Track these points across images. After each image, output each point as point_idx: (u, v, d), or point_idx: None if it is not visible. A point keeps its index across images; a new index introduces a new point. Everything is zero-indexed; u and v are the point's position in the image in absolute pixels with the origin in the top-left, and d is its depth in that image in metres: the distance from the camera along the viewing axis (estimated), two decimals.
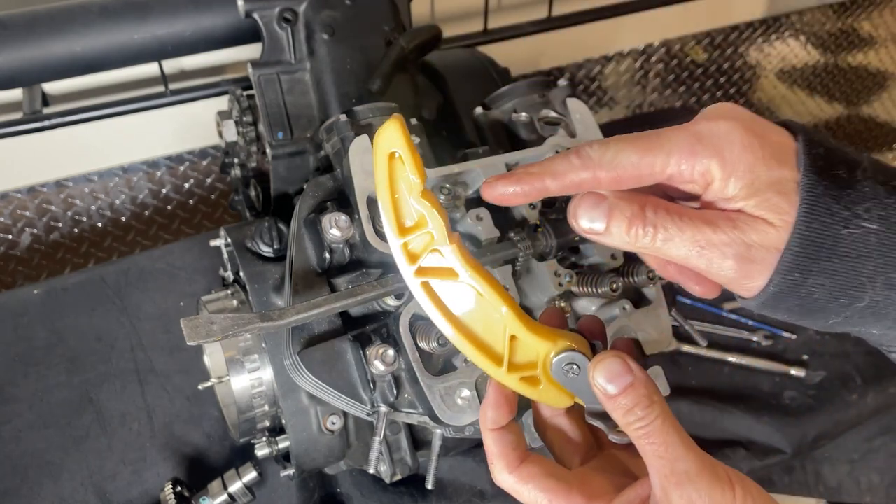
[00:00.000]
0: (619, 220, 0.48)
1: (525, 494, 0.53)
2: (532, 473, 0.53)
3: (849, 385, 1.17)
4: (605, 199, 0.49)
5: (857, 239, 0.45)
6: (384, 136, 0.51)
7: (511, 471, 0.53)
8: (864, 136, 2.42)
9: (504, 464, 0.53)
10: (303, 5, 0.91)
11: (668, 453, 0.47)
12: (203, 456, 1.04)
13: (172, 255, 1.25)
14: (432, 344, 0.70)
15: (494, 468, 0.54)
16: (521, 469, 0.53)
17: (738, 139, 0.47)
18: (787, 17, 2.06)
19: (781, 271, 0.46)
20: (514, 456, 0.54)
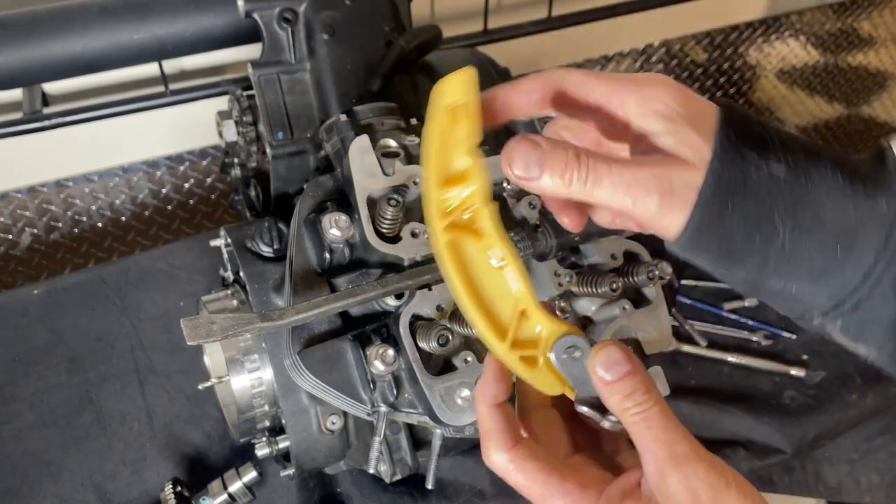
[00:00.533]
0: (554, 165, 0.50)
1: (517, 477, 0.52)
2: (525, 455, 0.52)
3: (849, 385, 1.17)
4: (540, 146, 0.50)
5: (767, 181, 0.49)
6: (454, 85, 0.51)
7: (506, 450, 0.52)
8: (864, 136, 2.42)
9: (500, 442, 0.52)
10: (303, 5, 0.91)
11: (666, 436, 0.48)
12: (203, 456, 1.04)
13: (172, 255, 1.25)
14: (432, 344, 0.70)
15: (489, 446, 0.53)
16: (515, 450, 0.52)
17: (665, 87, 0.53)
18: (787, 17, 2.06)
19: (699, 206, 0.49)
20: (510, 436, 0.53)
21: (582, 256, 0.82)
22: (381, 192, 0.75)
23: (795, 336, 1.24)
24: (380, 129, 0.81)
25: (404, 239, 0.75)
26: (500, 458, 0.52)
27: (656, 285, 0.81)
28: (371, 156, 0.77)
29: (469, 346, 0.75)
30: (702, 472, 0.46)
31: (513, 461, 0.52)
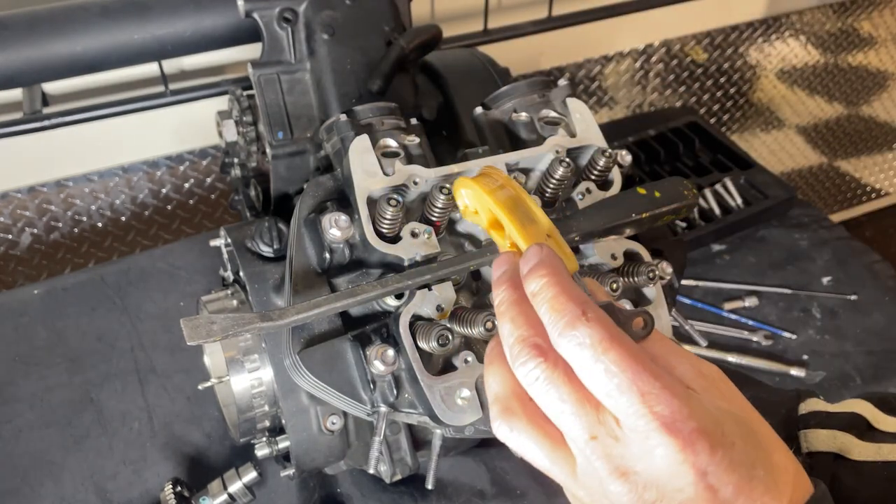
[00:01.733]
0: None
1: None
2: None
3: (848, 385, 1.17)
4: None
5: None
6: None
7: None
8: (863, 135, 2.42)
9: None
10: (303, 5, 0.91)
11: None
12: (203, 456, 1.04)
13: (172, 255, 1.25)
14: (432, 344, 0.70)
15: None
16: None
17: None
18: (787, 17, 2.06)
19: None
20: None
21: (582, 256, 0.82)
22: (381, 192, 0.75)
23: (795, 336, 1.24)
24: (380, 129, 0.81)
25: (404, 239, 0.75)
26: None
27: (656, 285, 0.81)
28: (371, 156, 0.76)
29: (469, 346, 0.75)
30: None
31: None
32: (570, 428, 0.46)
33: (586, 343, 0.45)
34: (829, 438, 0.67)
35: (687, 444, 0.43)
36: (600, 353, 0.44)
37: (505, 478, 1.01)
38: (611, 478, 0.45)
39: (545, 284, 0.48)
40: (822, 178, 2.43)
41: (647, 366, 0.45)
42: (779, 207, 1.43)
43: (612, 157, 0.82)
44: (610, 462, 0.45)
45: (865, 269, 1.35)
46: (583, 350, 0.45)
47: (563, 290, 0.48)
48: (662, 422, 0.43)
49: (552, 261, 0.50)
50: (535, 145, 0.84)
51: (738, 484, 0.43)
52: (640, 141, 1.55)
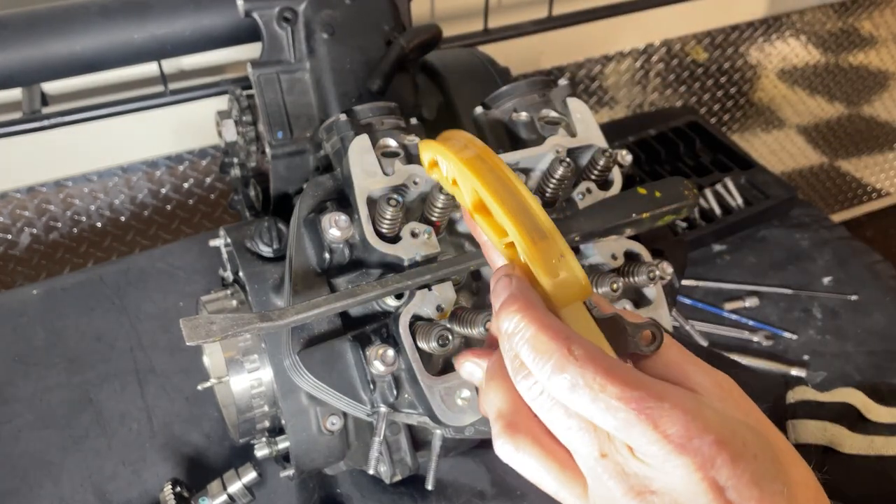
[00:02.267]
0: None
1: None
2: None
3: (849, 385, 1.17)
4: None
5: None
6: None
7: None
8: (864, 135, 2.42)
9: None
10: (302, 5, 0.91)
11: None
12: (202, 456, 1.04)
13: (172, 255, 1.25)
14: (432, 344, 0.70)
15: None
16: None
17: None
18: (788, 16, 2.06)
19: None
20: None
21: (582, 256, 0.82)
22: (380, 192, 0.75)
23: (796, 336, 1.24)
24: (380, 129, 0.81)
25: (404, 239, 0.75)
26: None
27: (657, 285, 0.80)
28: (371, 155, 0.76)
29: (469, 346, 0.75)
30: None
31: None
32: (578, 445, 0.44)
33: (579, 384, 0.42)
34: (818, 430, 0.65)
35: (705, 461, 0.41)
36: (598, 392, 0.42)
37: (505, 478, 1.01)
38: (626, 498, 0.43)
39: (520, 322, 0.45)
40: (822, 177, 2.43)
41: (650, 389, 0.42)
42: (779, 207, 1.43)
43: (613, 156, 0.82)
44: (624, 482, 0.43)
45: (866, 270, 1.35)
46: (577, 391, 0.42)
47: (542, 327, 0.44)
48: (677, 443, 0.41)
49: (524, 292, 0.47)
50: (535, 145, 0.83)
51: (759, 499, 0.41)
52: (640, 141, 1.55)
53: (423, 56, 0.99)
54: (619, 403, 0.41)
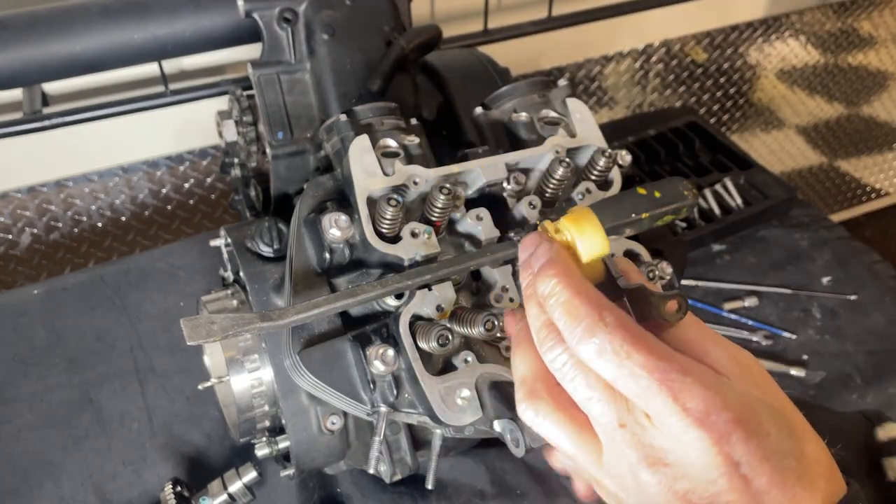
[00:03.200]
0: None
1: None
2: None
3: (848, 385, 1.17)
4: None
5: None
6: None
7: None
8: (863, 135, 2.42)
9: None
10: (303, 5, 0.91)
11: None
12: (203, 456, 1.04)
13: (172, 255, 1.25)
14: (432, 344, 0.70)
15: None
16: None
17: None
18: (787, 16, 2.06)
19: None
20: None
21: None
22: (381, 192, 0.75)
23: (795, 336, 1.24)
24: (380, 129, 0.81)
25: (404, 239, 0.75)
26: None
27: (656, 285, 0.81)
28: (371, 156, 0.77)
29: (469, 345, 0.75)
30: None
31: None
32: (598, 414, 0.45)
33: (607, 349, 0.43)
34: None
35: (722, 437, 0.42)
36: (624, 358, 0.43)
37: (505, 478, 1.01)
38: (641, 466, 0.44)
39: (556, 286, 0.46)
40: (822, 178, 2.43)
41: (674, 362, 0.44)
42: (779, 207, 1.43)
43: (612, 157, 0.82)
44: (640, 450, 0.44)
45: (865, 269, 1.35)
46: (604, 357, 0.44)
47: (577, 293, 0.46)
48: (696, 416, 0.42)
49: (562, 258, 0.48)
50: (534, 145, 0.84)
51: (771, 474, 0.43)
52: (639, 141, 1.55)
53: (423, 56, 0.99)
54: (642, 371, 0.42)
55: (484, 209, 0.79)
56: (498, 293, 0.79)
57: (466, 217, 0.79)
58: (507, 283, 0.79)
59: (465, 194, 0.80)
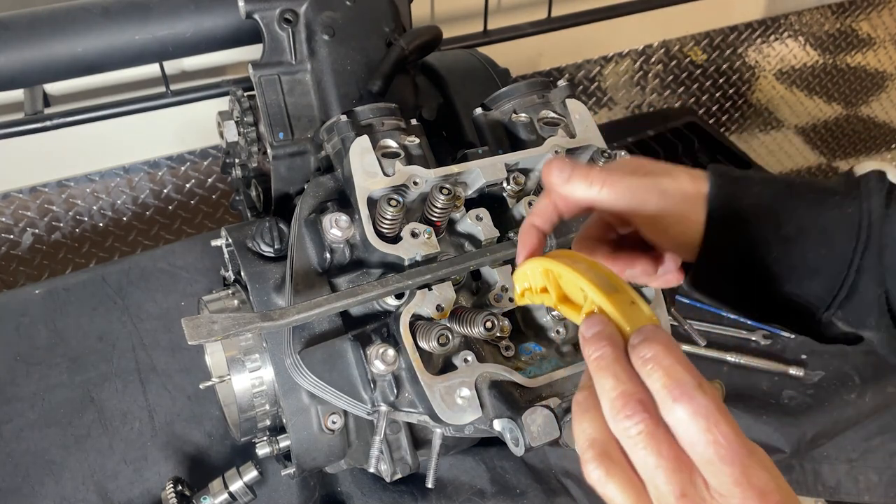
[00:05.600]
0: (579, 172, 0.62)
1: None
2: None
3: (847, 384, 1.17)
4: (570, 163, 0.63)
5: (755, 207, 0.60)
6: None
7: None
8: (862, 136, 2.42)
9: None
10: (303, 6, 0.92)
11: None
12: (204, 455, 1.05)
13: (173, 255, 1.26)
14: (432, 343, 0.70)
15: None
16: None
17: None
18: (786, 17, 2.07)
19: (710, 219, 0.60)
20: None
21: None
22: (381, 193, 0.76)
23: (794, 336, 1.24)
24: (380, 130, 0.81)
25: (404, 239, 0.75)
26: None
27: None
28: (371, 156, 0.77)
29: (469, 345, 0.75)
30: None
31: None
32: (662, 483, 0.49)
33: (701, 413, 0.48)
34: None
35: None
36: (712, 425, 0.47)
37: (504, 477, 1.01)
38: None
39: (661, 352, 0.51)
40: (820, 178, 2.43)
41: (745, 442, 0.49)
42: None
43: (612, 157, 0.82)
44: None
45: None
46: (697, 420, 0.48)
47: (680, 362, 0.50)
48: (757, 492, 0.47)
49: (667, 337, 0.53)
50: (534, 146, 0.84)
51: None
52: (639, 141, 1.56)
53: (423, 57, 0.99)
54: (724, 441, 0.47)
55: (484, 209, 0.79)
56: (498, 293, 0.79)
57: (466, 217, 0.79)
58: (507, 283, 0.79)
59: (465, 194, 0.80)
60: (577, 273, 0.57)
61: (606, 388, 0.51)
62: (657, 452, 0.49)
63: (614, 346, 0.53)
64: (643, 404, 0.50)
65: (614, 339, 0.54)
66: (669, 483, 0.48)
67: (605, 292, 0.55)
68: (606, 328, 0.54)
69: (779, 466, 1.14)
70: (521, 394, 0.74)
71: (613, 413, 0.51)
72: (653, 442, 0.49)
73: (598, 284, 0.56)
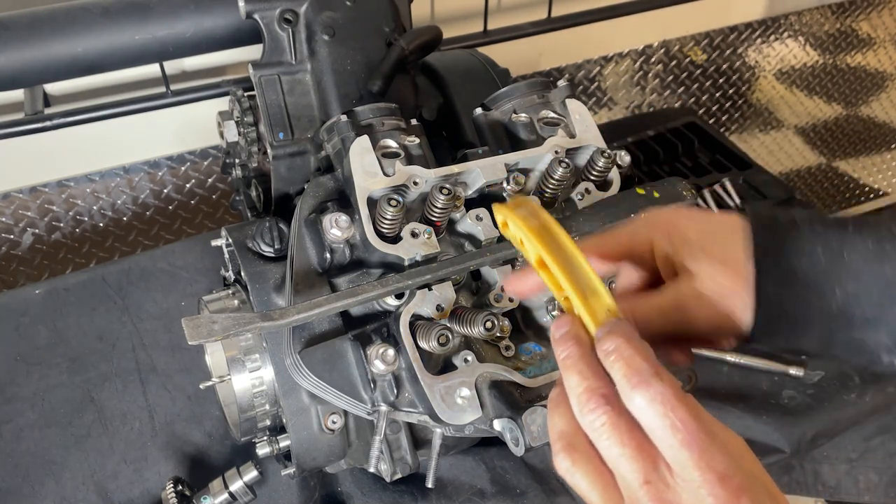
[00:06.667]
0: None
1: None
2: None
3: (847, 384, 1.17)
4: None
5: (809, 266, 0.59)
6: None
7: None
8: (862, 136, 2.42)
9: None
10: (303, 6, 0.92)
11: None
12: (204, 455, 1.05)
13: (174, 255, 1.26)
14: (432, 343, 0.70)
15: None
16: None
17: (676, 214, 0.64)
18: (786, 17, 2.07)
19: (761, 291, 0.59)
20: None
21: None
22: (381, 193, 0.76)
23: None
24: (380, 130, 0.81)
25: (404, 239, 0.75)
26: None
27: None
28: (371, 156, 0.77)
29: (469, 345, 0.75)
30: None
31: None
32: (626, 471, 0.51)
33: (657, 399, 0.50)
34: None
35: (734, 498, 0.48)
36: (669, 410, 0.50)
37: (504, 476, 1.01)
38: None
39: (622, 344, 0.53)
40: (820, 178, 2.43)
41: (705, 426, 0.50)
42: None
43: (611, 157, 0.82)
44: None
45: None
46: (654, 405, 0.50)
47: (639, 352, 0.53)
48: (716, 475, 0.48)
49: (629, 329, 0.55)
50: (534, 146, 0.84)
51: None
52: (638, 141, 1.56)
53: (423, 57, 0.99)
54: (681, 425, 0.49)
55: (484, 209, 0.79)
56: (497, 293, 0.79)
57: (466, 217, 0.79)
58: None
59: (464, 194, 0.80)
60: (556, 264, 0.59)
61: (573, 385, 0.54)
62: (620, 442, 0.51)
63: (580, 345, 0.56)
64: (606, 398, 0.52)
65: (580, 338, 0.56)
66: (633, 470, 0.50)
67: (574, 282, 0.58)
68: (572, 328, 0.57)
69: (779, 466, 1.14)
70: (521, 394, 0.74)
71: (580, 407, 0.53)
72: (615, 432, 0.51)
73: (572, 281, 0.58)
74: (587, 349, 0.55)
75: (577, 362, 0.55)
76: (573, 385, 0.54)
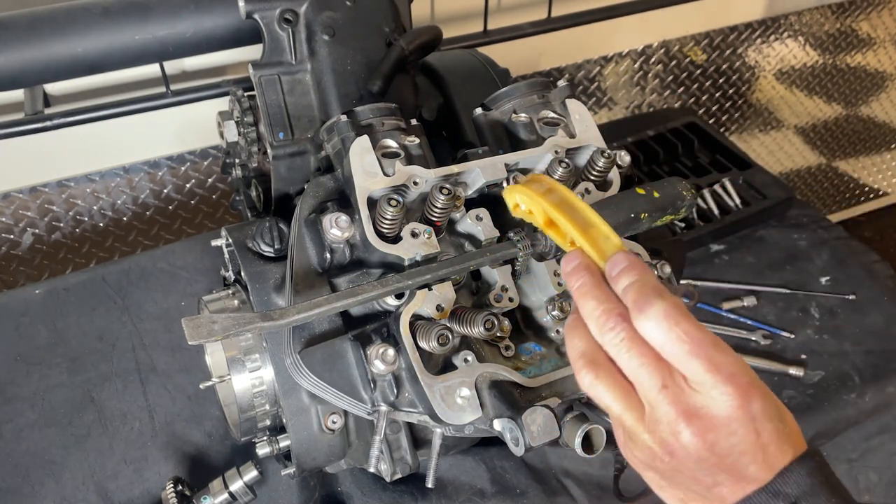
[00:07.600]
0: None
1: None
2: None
3: (847, 384, 1.17)
4: None
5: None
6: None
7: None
8: (862, 136, 2.42)
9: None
10: (303, 6, 0.92)
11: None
12: (204, 455, 1.05)
13: (174, 255, 1.26)
14: (432, 343, 0.70)
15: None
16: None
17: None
18: (786, 17, 2.07)
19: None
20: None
21: None
22: (381, 193, 0.76)
23: (794, 336, 1.25)
24: (380, 130, 0.81)
25: (404, 239, 0.75)
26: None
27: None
28: (371, 156, 0.77)
29: (469, 345, 0.75)
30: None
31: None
32: (645, 378, 0.56)
33: (662, 315, 0.55)
34: None
35: (744, 394, 0.54)
36: (674, 324, 0.55)
37: (504, 476, 1.01)
38: (679, 420, 0.55)
39: (629, 271, 0.58)
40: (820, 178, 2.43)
41: (708, 335, 0.55)
42: (777, 208, 1.44)
43: (611, 157, 0.82)
44: (679, 406, 0.55)
45: (864, 269, 1.35)
46: (660, 322, 0.55)
47: (647, 277, 0.58)
48: (725, 375, 0.54)
49: (634, 259, 0.60)
50: (534, 146, 0.84)
51: (772, 431, 0.55)
52: (638, 141, 1.56)
53: (423, 57, 0.99)
54: (687, 337, 0.55)
55: (484, 209, 0.79)
56: (498, 293, 0.79)
57: (466, 217, 0.79)
58: (507, 282, 0.79)
59: (464, 194, 0.80)
60: (558, 211, 0.64)
61: (590, 309, 0.59)
62: (640, 353, 0.56)
63: (592, 274, 0.61)
64: (622, 316, 0.57)
65: (591, 268, 0.61)
66: (652, 377, 0.55)
67: (581, 228, 0.63)
68: (583, 260, 0.62)
69: None
70: (521, 394, 0.74)
71: (599, 327, 0.58)
72: (635, 345, 0.56)
73: (574, 221, 0.63)
74: (599, 278, 0.60)
75: (592, 289, 0.59)
76: (590, 309, 0.59)
